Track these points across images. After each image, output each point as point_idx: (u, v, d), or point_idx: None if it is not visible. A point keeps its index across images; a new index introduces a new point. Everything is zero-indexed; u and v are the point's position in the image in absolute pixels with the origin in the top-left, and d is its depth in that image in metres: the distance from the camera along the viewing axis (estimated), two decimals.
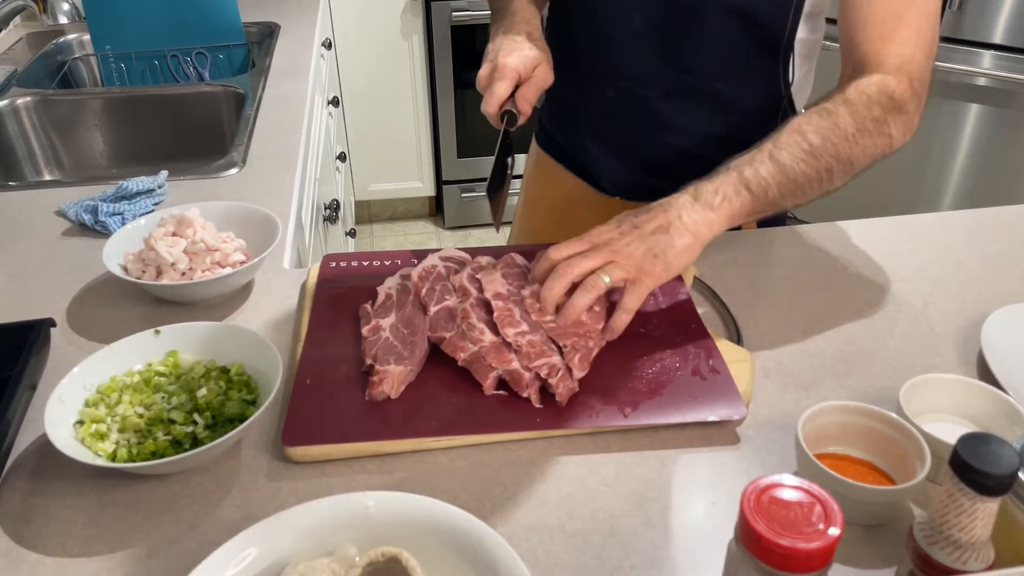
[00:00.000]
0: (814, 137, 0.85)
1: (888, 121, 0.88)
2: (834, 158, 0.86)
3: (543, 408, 0.77)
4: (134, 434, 0.73)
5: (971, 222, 1.13)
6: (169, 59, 1.88)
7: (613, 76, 1.07)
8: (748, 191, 0.83)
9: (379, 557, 0.58)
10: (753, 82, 1.05)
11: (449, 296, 0.87)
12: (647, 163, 1.12)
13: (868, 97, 0.88)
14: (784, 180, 0.84)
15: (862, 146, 0.87)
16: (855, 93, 0.88)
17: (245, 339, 0.81)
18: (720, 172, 0.85)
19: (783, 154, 0.85)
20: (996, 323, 0.87)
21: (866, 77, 0.90)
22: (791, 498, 0.51)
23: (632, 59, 1.05)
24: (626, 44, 1.04)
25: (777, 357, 0.86)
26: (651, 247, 0.80)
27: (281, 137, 1.42)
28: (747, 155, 0.86)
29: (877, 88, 0.88)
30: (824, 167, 0.86)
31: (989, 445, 0.52)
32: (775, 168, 0.84)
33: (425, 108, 2.95)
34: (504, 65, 0.92)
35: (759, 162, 0.85)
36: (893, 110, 0.88)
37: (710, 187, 0.84)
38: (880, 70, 0.90)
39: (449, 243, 3.13)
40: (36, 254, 1.07)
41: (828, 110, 0.88)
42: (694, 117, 1.07)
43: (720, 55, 1.02)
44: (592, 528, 0.67)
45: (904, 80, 0.89)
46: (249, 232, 1.00)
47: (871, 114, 0.87)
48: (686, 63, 1.02)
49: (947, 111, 2.50)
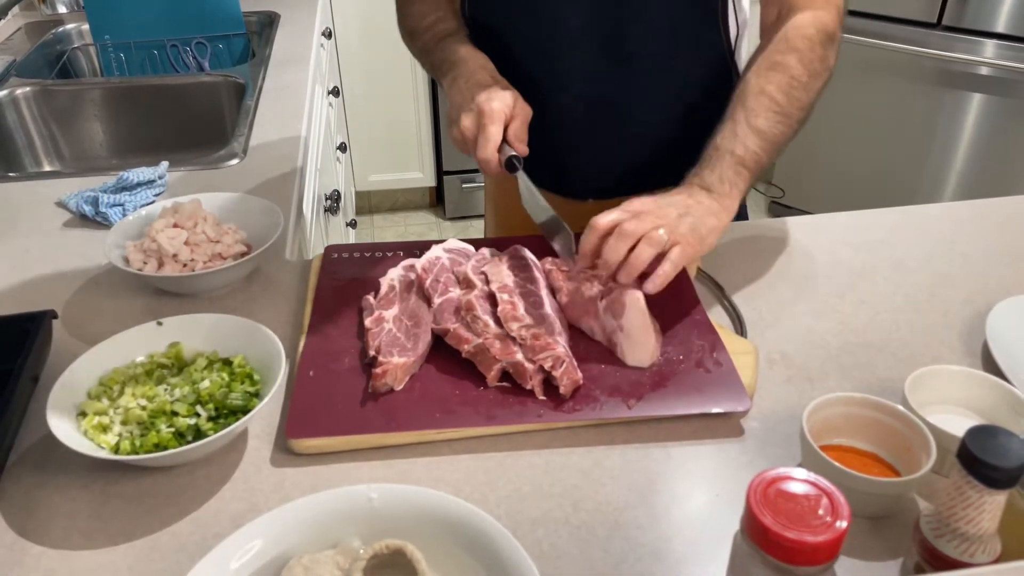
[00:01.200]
0: (779, 96, 0.90)
1: (828, 56, 0.93)
2: (800, 109, 0.91)
3: (547, 400, 0.76)
4: (137, 426, 0.73)
5: (977, 213, 1.12)
6: (169, 49, 1.87)
7: (563, 83, 1.05)
8: (746, 168, 0.88)
9: (383, 549, 0.58)
10: (700, 53, 1.05)
11: (453, 288, 0.87)
12: (616, 161, 1.12)
13: (810, 40, 0.92)
14: (769, 145, 0.89)
15: (815, 89, 0.92)
16: (797, 38, 0.92)
17: (248, 330, 0.81)
18: (713, 156, 0.89)
19: (759, 120, 0.89)
20: (1001, 314, 0.86)
21: (800, 17, 0.93)
22: (798, 491, 0.51)
23: (579, 63, 1.03)
24: (569, 50, 1.03)
25: (781, 349, 0.86)
26: (691, 222, 0.84)
27: (282, 127, 1.41)
28: (727, 129, 0.90)
29: (814, 28, 0.92)
30: (796, 120, 0.91)
31: (997, 437, 0.52)
32: (759, 138, 0.89)
33: (426, 98, 2.94)
34: (491, 111, 0.89)
35: (743, 136, 0.88)
36: (830, 43, 0.93)
37: (714, 176, 0.87)
38: (810, 5, 0.93)
39: (450, 233, 3.12)
40: (37, 246, 1.06)
41: (779, 63, 0.91)
42: (651, 103, 1.07)
43: (665, 36, 1.02)
44: (597, 520, 0.67)
45: (833, 11, 0.94)
46: (250, 223, 1.00)
47: (816, 54, 0.92)
48: (633, 53, 1.02)
49: (949, 100, 2.49)
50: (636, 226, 0.81)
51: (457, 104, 0.94)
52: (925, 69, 2.49)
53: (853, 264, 1.00)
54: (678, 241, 0.82)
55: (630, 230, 0.81)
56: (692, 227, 0.83)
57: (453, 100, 0.95)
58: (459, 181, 3.08)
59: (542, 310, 0.83)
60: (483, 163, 0.91)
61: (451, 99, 0.96)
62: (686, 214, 0.84)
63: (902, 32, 2.47)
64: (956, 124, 2.51)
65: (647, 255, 0.80)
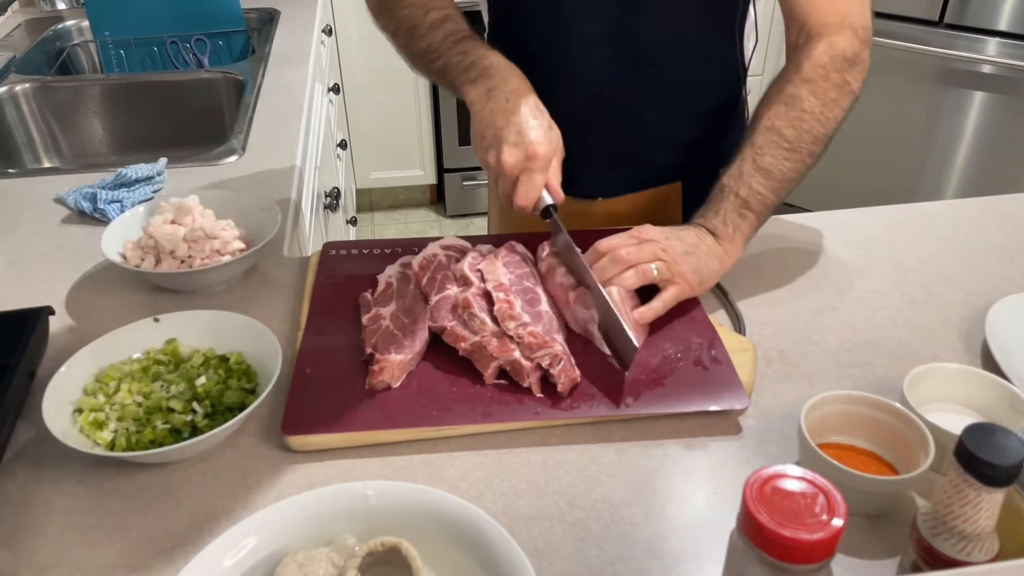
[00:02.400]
0: (788, 131, 0.88)
1: (847, 80, 0.91)
2: (812, 143, 0.89)
3: (544, 398, 0.76)
4: (133, 423, 0.73)
5: (976, 211, 1.12)
6: (168, 46, 1.87)
7: (578, 84, 1.05)
8: (750, 211, 0.88)
9: (379, 547, 0.58)
10: (714, 61, 1.05)
11: (450, 285, 0.86)
12: (624, 158, 1.12)
13: (823, 68, 0.90)
14: (776, 185, 0.88)
15: (832, 117, 0.91)
16: (810, 68, 0.90)
17: (244, 327, 0.80)
18: (718, 197, 0.89)
19: (766, 159, 0.88)
20: (1001, 312, 0.86)
21: (814, 44, 0.92)
22: (794, 488, 0.51)
23: (595, 65, 1.03)
24: (586, 52, 1.02)
25: (780, 346, 0.86)
26: (693, 261, 0.84)
27: (281, 124, 1.41)
28: (734, 168, 0.89)
29: (828, 56, 0.91)
30: (806, 155, 0.89)
31: (995, 435, 0.52)
32: (764, 178, 0.88)
33: (426, 96, 2.94)
34: (541, 155, 0.84)
35: (748, 175, 0.88)
36: (849, 67, 0.91)
37: (718, 219, 0.88)
38: (825, 31, 0.92)
39: (450, 231, 3.12)
40: (35, 242, 1.06)
41: (791, 95, 0.90)
42: (662, 106, 1.07)
43: (681, 42, 1.02)
44: (593, 518, 0.67)
45: (849, 34, 0.92)
46: (248, 220, 1.00)
47: (831, 83, 0.90)
48: (649, 57, 1.02)
49: (951, 98, 2.48)
50: (631, 254, 0.83)
51: (496, 125, 0.85)
52: (927, 67, 2.48)
53: (852, 262, 1.00)
54: (676, 280, 0.83)
55: (623, 257, 0.83)
56: (694, 268, 0.84)
57: (490, 118, 0.86)
58: (460, 179, 3.08)
59: (539, 308, 0.83)
60: (518, 208, 0.86)
61: (486, 114, 0.86)
62: (691, 253, 0.84)
63: (904, 30, 2.46)
64: (958, 122, 2.51)
65: (630, 282, 0.82)
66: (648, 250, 0.84)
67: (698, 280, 0.85)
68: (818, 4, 0.92)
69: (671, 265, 0.83)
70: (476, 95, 0.89)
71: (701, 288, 0.86)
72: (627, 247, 0.84)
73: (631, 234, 0.86)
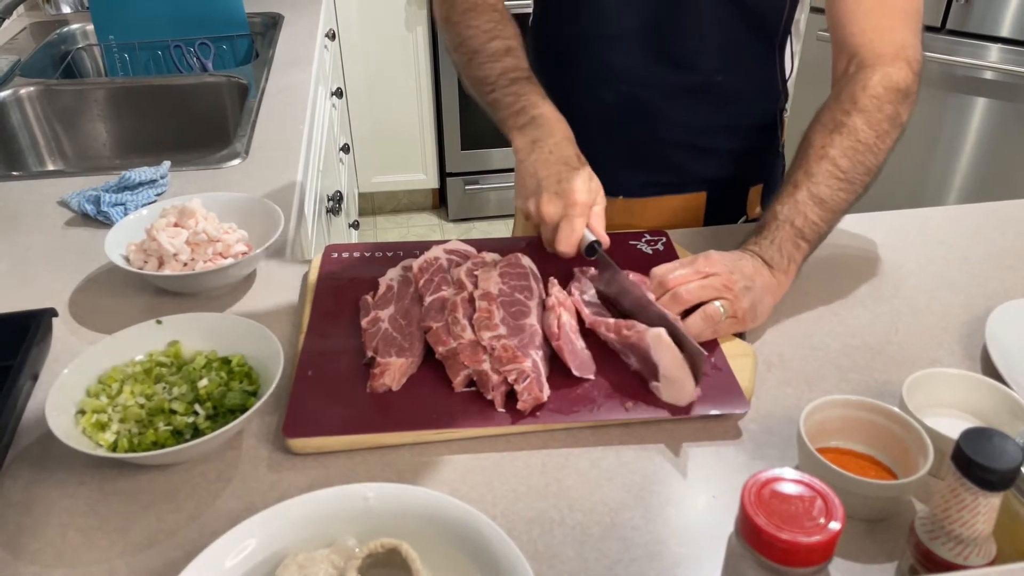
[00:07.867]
0: (843, 161, 0.87)
1: (899, 112, 0.90)
2: (864, 174, 0.88)
3: (505, 413, 0.75)
4: (135, 424, 0.73)
5: (977, 216, 1.12)
6: (172, 49, 1.88)
7: (611, 81, 1.06)
8: (805, 241, 0.87)
9: (379, 548, 0.58)
10: (753, 71, 1.05)
11: (447, 287, 0.87)
12: (649, 160, 1.12)
13: (878, 99, 0.89)
14: (830, 215, 0.87)
15: (884, 149, 0.90)
16: (865, 98, 0.89)
17: (247, 330, 0.81)
18: (772, 224, 0.87)
19: (822, 188, 0.87)
20: (1001, 318, 0.86)
21: (868, 74, 0.90)
22: (792, 492, 0.51)
23: (630, 62, 1.04)
24: (623, 48, 1.03)
25: (779, 351, 0.86)
26: (751, 297, 0.82)
27: (284, 128, 1.42)
28: (787, 195, 0.87)
29: (883, 87, 0.90)
30: (859, 186, 0.88)
31: (992, 440, 0.52)
32: (820, 208, 0.87)
33: (429, 100, 2.94)
34: (580, 203, 0.86)
35: (803, 204, 0.86)
36: (902, 99, 0.90)
37: (773, 249, 0.86)
38: (879, 62, 0.91)
39: (452, 235, 3.12)
40: (38, 244, 1.07)
41: (845, 125, 0.88)
42: (696, 112, 1.07)
43: (720, 49, 1.02)
44: (593, 521, 0.67)
45: (904, 67, 0.91)
46: (251, 223, 1.00)
47: (885, 114, 0.89)
48: (686, 61, 1.02)
49: (953, 104, 2.48)
50: (693, 293, 0.81)
51: (538, 177, 0.88)
52: (929, 73, 2.47)
53: (852, 267, 1.00)
54: (736, 317, 0.82)
55: (684, 297, 0.81)
56: (752, 304, 0.82)
57: (533, 168, 0.89)
58: (462, 183, 3.09)
59: (523, 321, 0.81)
60: (559, 251, 0.88)
61: (529, 164, 0.90)
62: (750, 287, 0.82)
63: None
64: (960, 128, 2.50)
65: (696, 330, 0.80)
66: (711, 287, 0.81)
67: (753, 316, 0.83)
68: (874, 35, 0.91)
69: (734, 303, 0.82)
70: (522, 143, 0.91)
71: (753, 324, 0.84)
72: (690, 284, 0.82)
73: (696, 265, 0.83)
